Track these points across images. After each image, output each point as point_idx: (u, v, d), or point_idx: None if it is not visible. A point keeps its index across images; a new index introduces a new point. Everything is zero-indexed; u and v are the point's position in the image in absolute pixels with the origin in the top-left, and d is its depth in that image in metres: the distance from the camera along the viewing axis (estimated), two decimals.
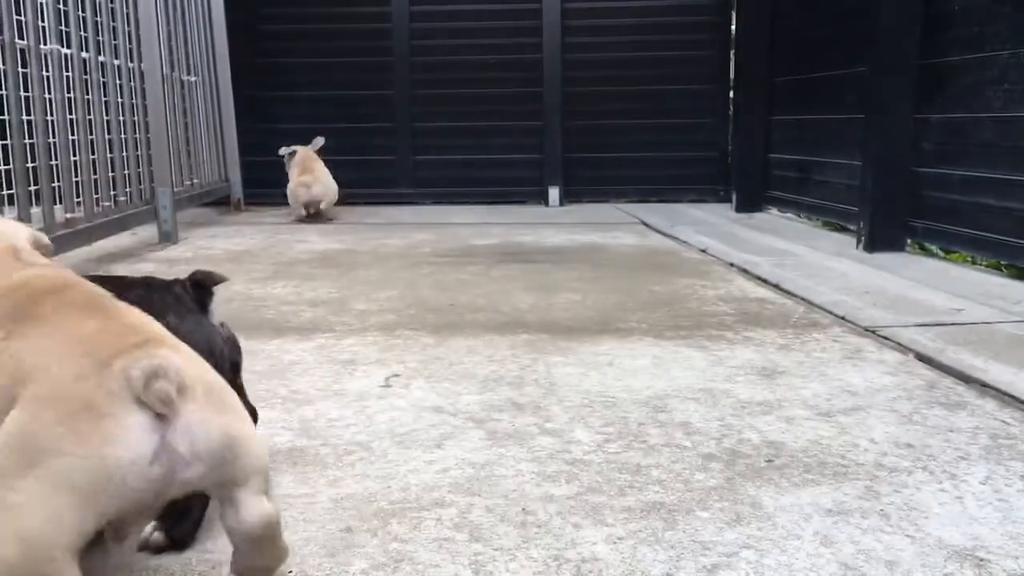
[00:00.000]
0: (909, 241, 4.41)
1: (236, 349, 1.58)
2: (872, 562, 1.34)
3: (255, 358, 2.48)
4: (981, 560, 1.34)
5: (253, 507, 1.13)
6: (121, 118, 4.58)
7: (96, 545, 1.25)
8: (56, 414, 1.02)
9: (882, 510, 1.51)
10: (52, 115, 3.80)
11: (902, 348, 2.56)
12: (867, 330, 2.78)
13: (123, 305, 1.22)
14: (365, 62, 7.10)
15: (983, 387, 2.19)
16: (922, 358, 2.46)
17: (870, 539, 1.40)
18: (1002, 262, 3.86)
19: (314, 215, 6.21)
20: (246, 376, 2.30)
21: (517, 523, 1.47)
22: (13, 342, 1.10)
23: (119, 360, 1.05)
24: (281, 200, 6.98)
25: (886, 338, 2.67)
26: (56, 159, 3.83)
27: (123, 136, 4.59)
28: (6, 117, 3.38)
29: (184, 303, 1.46)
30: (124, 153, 4.58)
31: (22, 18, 3.55)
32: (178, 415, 1.05)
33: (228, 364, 1.49)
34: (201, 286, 1.49)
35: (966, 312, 2.98)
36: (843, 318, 2.95)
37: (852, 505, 1.53)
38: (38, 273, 1.24)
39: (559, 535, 1.43)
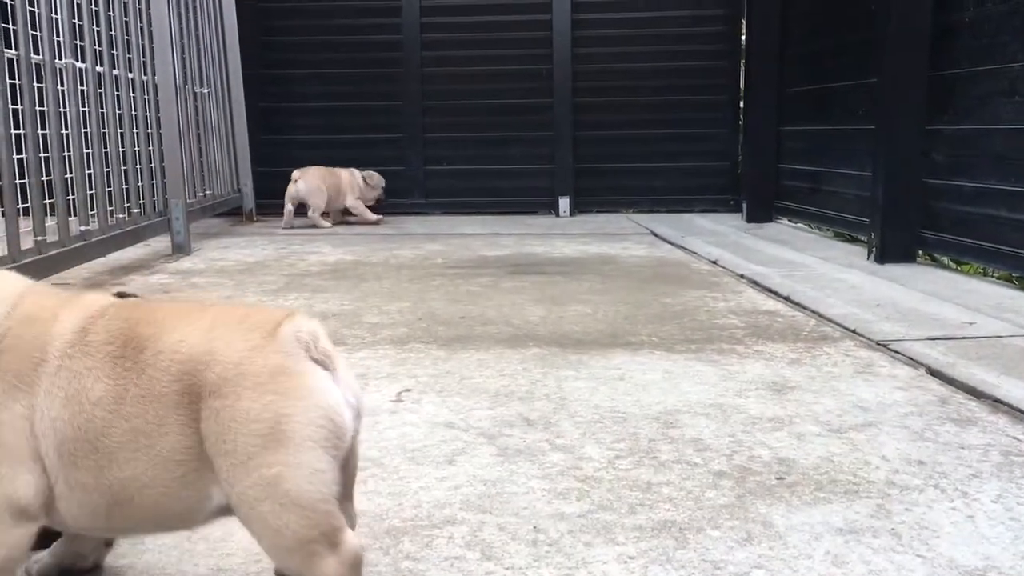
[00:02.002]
0: (920, 252, 4.41)
1: None
2: None
3: None
4: None
5: (351, 512, 1.25)
6: (135, 130, 4.61)
7: None
8: (255, 386, 1.09)
9: (893, 529, 1.51)
10: (67, 129, 3.84)
11: (913, 362, 2.56)
12: (878, 344, 2.78)
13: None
14: (376, 73, 7.14)
15: (995, 403, 2.19)
16: (933, 373, 2.46)
17: (882, 559, 1.41)
18: (1014, 274, 3.85)
19: (298, 212, 6.26)
20: None
21: (528, 541, 1.47)
22: (154, 343, 1.14)
23: (282, 328, 1.14)
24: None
25: (897, 352, 2.67)
26: (71, 172, 3.86)
27: (137, 148, 4.62)
28: (22, 131, 3.42)
29: None
30: (138, 165, 4.62)
31: (38, 33, 3.59)
32: (338, 370, 1.16)
33: None
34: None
35: (977, 325, 2.98)
36: (854, 331, 2.95)
37: (863, 524, 1.53)
38: (97, 297, 1.28)
39: (570, 554, 1.43)
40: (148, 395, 1.11)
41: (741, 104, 7.00)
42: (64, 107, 3.83)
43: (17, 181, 3.36)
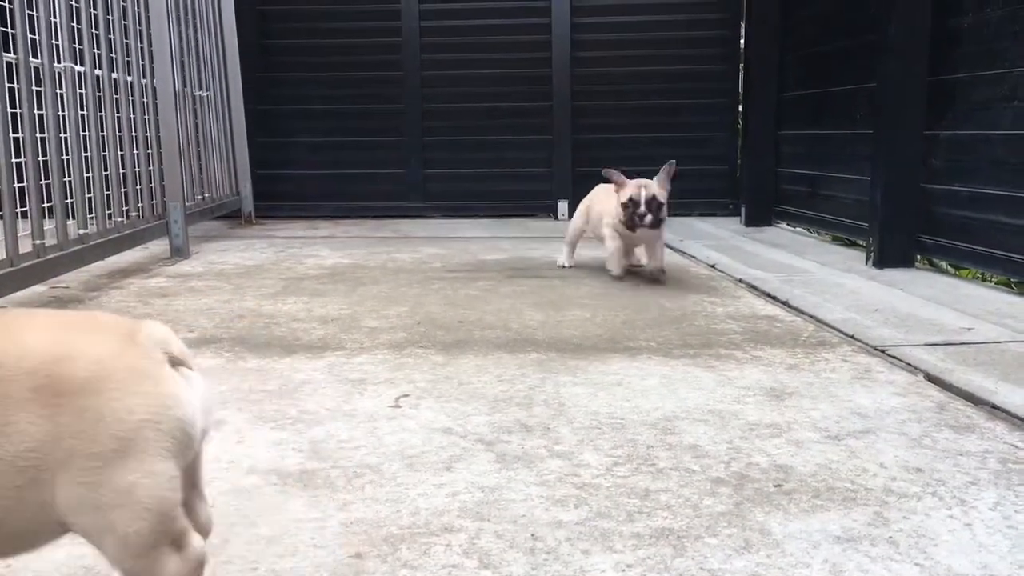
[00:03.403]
0: (919, 257, 4.41)
1: None
2: None
3: (266, 377, 2.50)
4: None
5: (204, 509, 1.26)
6: (134, 134, 4.61)
7: None
8: (122, 391, 1.07)
9: (891, 537, 1.51)
10: (65, 132, 3.84)
11: (911, 368, 2.56)
12: (876, 349, 2.78)
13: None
14: (375, 76, 7.14)
15: (993, 409, 2.19)
16: (931, 379, 2.46)
17: (879, 568, 1.41)
18: (1012, 279, 3.85)
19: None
20: (257, 396, 2.32)
21: (526, 549, 1.47)
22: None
23: (139, 333, 1.13)
24: (291, 213, 7.04)
25: (896, 358, 2.67)
26: (69, 175, 3.86)
27: (135, 152, 4.62)
28: (20, 135, 3.42)
29: None
30: (136, 168, 4.62)
31: (36, 37, 3.59)
32: (191, 375, 1.17)
33: None
34: None
35: (976, 331, 2.98)
36: (852, 337, 2.95)
37: (861, 532, 1.53)
38: None
39: (568, 562, 1.43)
40: None
41: (740, 108, 7.01)
42: (63, 111, 3.82)
43: (16, 185, 3.36)
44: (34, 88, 3.52)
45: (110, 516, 1.06)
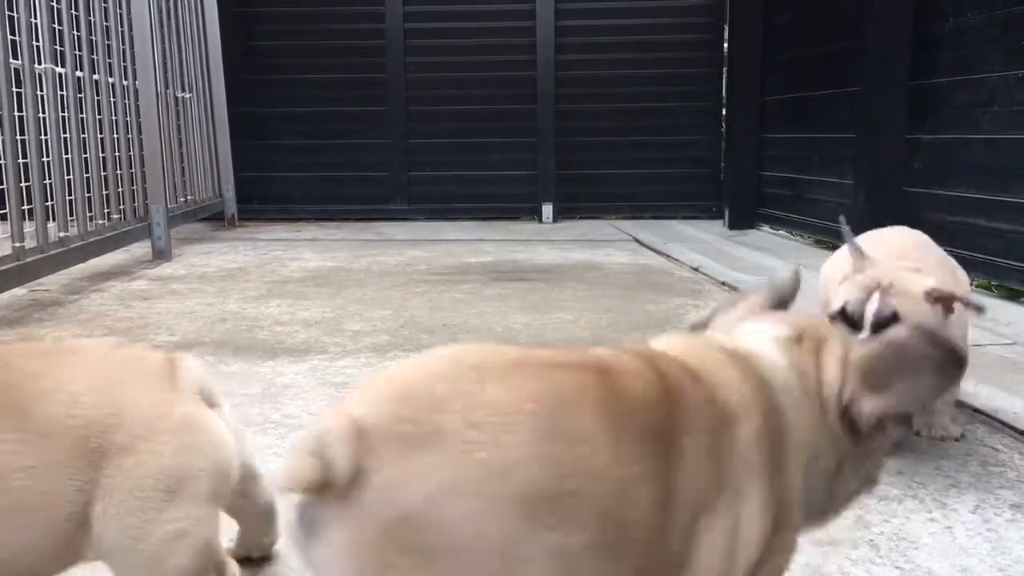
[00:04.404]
0: None
1: None
2: None
3: (249, 381, 2.48)
4: None
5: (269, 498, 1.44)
6: (115, 135, 4.58)
7: None
8: (171, 442, 1.09)
9: (872, 540, 1.52)
10: (46, 134, 3.81)
11: None
12: None
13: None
14: (359, 78, 7.12)
15: (973, 412, 2.20)
16: None
17: (860, 571, 1.41)
18: (992, 283, 3.89)
19: None
20: (240, 400, 2.31)
21: None
22: (42, 404, 1.06)
23: (177, 373, 1.15)
24: (274, 216, 7.02)
25: None
26: (50, 178, 3.83)
27: (117, 154, 4.59)
28: (1, 137, 3.39)
29: None
30: (118, 170, 4.59)
31: (16, 38, 3.56)
32: (223, 407, 1.21)
33: None
34: None
35: None
36: None
37: (842, 535, 1.53)
38: None
39: None
40: (41, 464, 1.04)
41: (723, 111, 7.04)
42: (44, 112, 3.80)
43: None
44: (14, 90, 3.49)
45: (164, 564, 1.09)
